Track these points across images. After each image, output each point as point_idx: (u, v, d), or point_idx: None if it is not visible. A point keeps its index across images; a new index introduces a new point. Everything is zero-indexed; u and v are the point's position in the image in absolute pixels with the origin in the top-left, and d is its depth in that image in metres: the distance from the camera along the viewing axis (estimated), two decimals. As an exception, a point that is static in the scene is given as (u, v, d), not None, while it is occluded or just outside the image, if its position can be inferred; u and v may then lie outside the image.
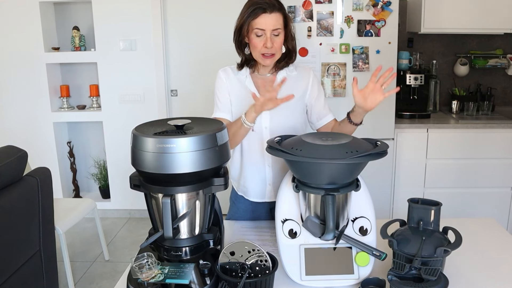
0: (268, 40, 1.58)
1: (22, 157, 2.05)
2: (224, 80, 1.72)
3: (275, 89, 1.47)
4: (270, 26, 1.57)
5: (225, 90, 1.71)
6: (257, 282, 1.12)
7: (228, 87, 1.71)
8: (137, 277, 1.14)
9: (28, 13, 3.50)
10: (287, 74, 1.71)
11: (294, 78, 1.73)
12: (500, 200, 3.17)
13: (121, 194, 3.82)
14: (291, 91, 1.61)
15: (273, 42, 1.58)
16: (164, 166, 1.10)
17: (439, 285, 1.14)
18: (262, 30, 1.57)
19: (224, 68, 1.77)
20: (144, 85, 3.63)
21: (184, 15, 3.54)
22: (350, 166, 1.16)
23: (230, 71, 1.75)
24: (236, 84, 1.71)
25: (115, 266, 3.06)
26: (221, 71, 1.76)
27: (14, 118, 3.71)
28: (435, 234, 1.20)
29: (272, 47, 1.59)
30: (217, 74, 1.76)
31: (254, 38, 1.60)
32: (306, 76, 1.75)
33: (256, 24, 1.57)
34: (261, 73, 1.72)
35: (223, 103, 1.71)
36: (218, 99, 1.72)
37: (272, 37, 1.58)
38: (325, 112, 1.76)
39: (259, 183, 1.75)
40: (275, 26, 1.57)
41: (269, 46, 1.58)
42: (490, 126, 3.05)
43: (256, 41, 1.60)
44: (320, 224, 1.22)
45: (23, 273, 2.06)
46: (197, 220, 1.23)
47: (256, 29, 1.58)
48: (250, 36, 1.61)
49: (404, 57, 3.26)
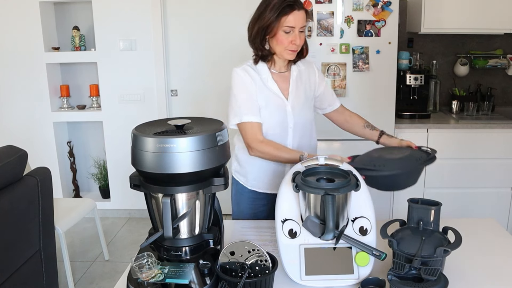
0: (297, 37, 1.61)
1: (22, 157, 2.05)
2: (249, 81, 1.68)
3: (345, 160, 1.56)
4: (299, 24, 1.60)
5: (253, 91, 1.67)
6: (257, 282, 1.12)
7: (254, 86, 1.68)
8: (137, 277, 1.14)
9: (28, 13, 3.50)
10: (298, 69, 1.76)
11: (305, 73, 1.79)
12: (500, 200, 3.17)
13: (121, 194, 3.82)
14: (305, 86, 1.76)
15: (300, 38, 1.62)
16: (164, 166, 1.10)
17: (439, 285, 1.14)
18: (291, 28, 1.59)
19: (241, 67, 1.71)
20: (144, 85, 3.63)
21: (184, 15, 3.54)
22: (420, 170, 1.51)
23: (250, 69, 1.70)
24: (260, 84, 1.69)
25: (115, 266, 3.06)
26: (241, 71, 1.70)
27: (14, 118, 3.71)
28: (435, 234, 1.20)
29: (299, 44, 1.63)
30: (236, 74, 1.70)
31: (282, 35, 1.61)
32: (311, 68, 1.82)
33: (286, 22, 1.59)
34: (277, 69, 1.73)
35: (253, 106, 1.67)
36: (244, 101, 1.67)
37: (299, 33, 1.62)
38: (333, 99, 1.88)
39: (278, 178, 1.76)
40: (303, 23, 1.61)
41: (298, 43, 1.62)
42: (490, 126, 3.05)
43: (283, 37, 1.61)
44: (320, 224, 1.22)
45: (23, 273, 2.06)
46: (197, 220, 1.23)
47: (286, 27, 1.59)
48: (278, 33, 1.61)
49: (404, 57, 3.26)
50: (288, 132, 1.74)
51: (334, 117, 1.91)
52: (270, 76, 1.70)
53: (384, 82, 2.99)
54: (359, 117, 1.88)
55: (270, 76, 1.70)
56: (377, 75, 2.98)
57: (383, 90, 2.99)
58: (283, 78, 1.74)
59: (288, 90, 1.74)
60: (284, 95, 1.73)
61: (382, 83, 2.99)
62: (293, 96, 1.74)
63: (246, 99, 1.67)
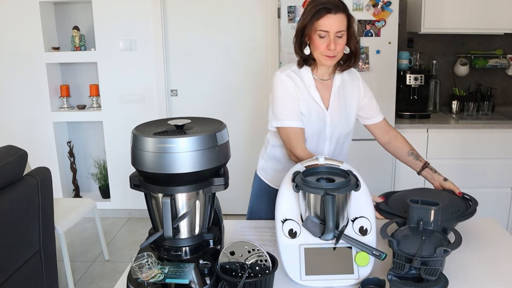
0: (332, 42, 1.54)
1: (22, 157, 2.05)
2: (292, 87, 1.64)
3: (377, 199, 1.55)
4: (334, 28, 1.53)
5: (295, 97, 1.64)
6: (257, 282, 1.12)
7: (298, 94, 1.64)
8: (137, 277, 1.14)
9: (28, 13, 3.50)
10: (342, 79, 1.70)
11: (348, 84, 1.72)
12: (500, 200, 3.17)
13: (121, 194, 3.82)
14: (346, 99, 1.70)
15: (336, 44, 1.54)
16: (164, 166, 1.10)
17: (439, 285, 1.14)
18: (326, 32, 1.53)
19: (285, 72, 1.67)
20: (144, 85, 3.63)
21: (184, 15, 3.54)
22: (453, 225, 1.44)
23: (294, 75, 1.66)
24: (303, 91, 1.65)
25: (115, 266, 3.06)
26: (284, 77, 1.65)
27: (14, 118, 3.71)
28: (435, 234, 1.20)
29: (335, 49, 1.55)
30: (279, 79, 1.66)
31: (317, 39, 1.55)
32: (356, 81, 1.75)
33: (320, 26, 1.53)
34: (319, 75, 1.68)
35: (295, 111, 1.64)
36: (286, 107, 1.64)
37: (335, 39, 1.54)
38: (377, 113, 1.81)
39: None
40: (339, 28, 1.53)
41: (332, 48, 1.54)
42: (490, 126, 3.05)
43: (319, 42, 1.55)
44: (320, 224, 1.22)
45: (23, 273, 2.06)
46: (197, 220, 1.23)
47: (320, 31, 1.53)
48: (313, 37, 1.57)
49: (404, 57, 3.26)
50: (325, 143, 1.72)
51: (377, 134, 1.84)
52: (314, 84, 1.65)
53: (384, 82, 2.99)
54: (404, 141, 1.80)
55: (314, 84, 1.65)
56: (377, 75, 2.98)
57: (383, 90, 2.99)
58: (325, 86, 1.68)
59: (329, 100, 1.69)
60: (325, 105, 1.68)
61: (382, 83, 2.99)
62: (333, 107, 1.69)
63: (289, 104, 1.64)
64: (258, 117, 3.64)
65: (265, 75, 3.59)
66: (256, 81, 3.61)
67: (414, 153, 1.78)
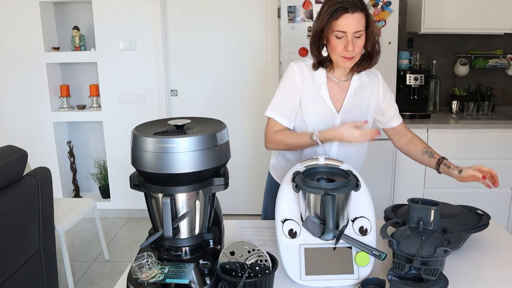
0: (350, 43, 1.47)
1: (22, 157, 2.05)
2: (298, 81, 1.59)
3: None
4: (352, 28, 1.45)
5: (297, 92, 1.59)
6: (257, 282, 1.12)
7: (301, 88, 1.59)
8: (137, 277, 1.14)
9: (28, 13, 3.50)
10: (360, 80, 1.63)
11: (366, 86, 1.65)
12: (500, 200, 3.17)
13: (121, 194, 3.82)
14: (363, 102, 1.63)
15: (354, 44, 1.47)
16: (164, 166, 1.10)
17: (439, 285, 1.14)
18: (343, 32, 1.46)
19: (299, 64, 1.61)
20: (144, 85, 3.63)
21: (184, 15, 3.54)
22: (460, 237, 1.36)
23: (306, 70, 1.60)
24: (310, 87, 1.59)
25: (115, 266, 3.06)
26: (296, 68, 1.60)
27: (14, 118, 3.71)
28: (435, 234, 1.20)
29: (353, 50, 1.48)
30: (290, 68, 1.61)
31: (334, 40, 1.49)
32: (375, 83, 1.67)
33: (337, 26, 1.46)
34: (336, 76, 1.61)
35: (289, 108, 1.61)
36: (283, 101, 1.61)
37: (353, 39, 1.47)
38: (396, 116, 1.74)
39: None
40: (357, 28, 1.46)
41: (350, 49, 1.47)
42: (490, 126, 3.05)
43: (336, 43, 1.49)
44: (320, 224, 1.22)
45: (23, 273, 2.06)
46: (197, 220, 1.23)
47: (337, 31, 1.47)
48: (330, 38, 1.50)
49: (404, 57, 3.26)
50: (331, 146, 1.65)
51: (394, 138, 1.77)
52: (325, 83, 1.59)
53: (384, 82, 2.99)
54: (419, 141, 1.74)
55: (325, 83, 1.59)
56: (377, 75, 2.97)
57: (383, 90, 2.99)
58: (340, 88, 1.62)
59: (342, 102, 1.61)
60: (336, 107, 1.61)
61: (382, 83, 2.98)
62: (346, 109, 1.62)
63: (287, 100, 1.61)
64: (258, 117, 3.64)
65: (265, 75, 3.59)
66: (256, 81, 3.61)
67: (428, 150, 1.71)
